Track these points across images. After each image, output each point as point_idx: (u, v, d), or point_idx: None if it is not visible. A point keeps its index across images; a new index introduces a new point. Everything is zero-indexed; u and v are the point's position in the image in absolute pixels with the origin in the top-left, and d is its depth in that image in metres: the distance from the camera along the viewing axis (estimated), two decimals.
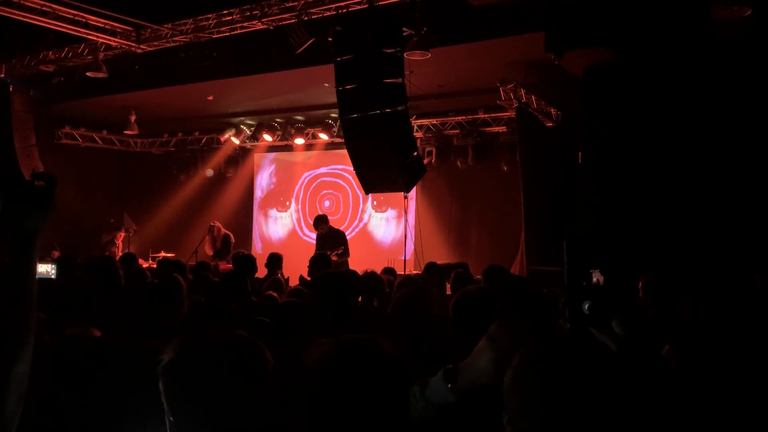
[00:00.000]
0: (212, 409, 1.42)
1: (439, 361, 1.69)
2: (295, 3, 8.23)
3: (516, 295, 3.23)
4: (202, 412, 1.42)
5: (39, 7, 8.36)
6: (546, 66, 7.81)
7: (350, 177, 12.63)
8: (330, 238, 9.39)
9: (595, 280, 1.38)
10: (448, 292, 5.94)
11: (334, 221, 13.17)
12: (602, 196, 7.37)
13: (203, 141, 14.21)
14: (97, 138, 13.93)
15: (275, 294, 5.57)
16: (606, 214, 7.17)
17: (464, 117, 11.24)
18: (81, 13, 8.66)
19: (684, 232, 6.79)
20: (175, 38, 9.25)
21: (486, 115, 11.00)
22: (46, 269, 5.56)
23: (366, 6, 7.82)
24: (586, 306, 1.37)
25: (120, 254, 11.76)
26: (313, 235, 13.39)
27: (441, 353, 2.67)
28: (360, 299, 4.59)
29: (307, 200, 13.65)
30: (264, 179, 14.36)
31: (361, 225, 12.99)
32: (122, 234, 12.59)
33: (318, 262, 6.63)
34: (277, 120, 12.94)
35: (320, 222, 9.68)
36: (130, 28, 9.25)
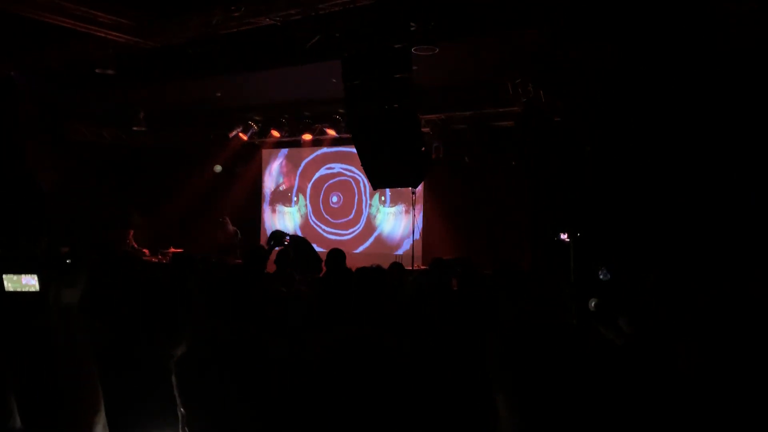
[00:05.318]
0: (223, 401, 1.45)
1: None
2: None
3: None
4: (213, 404, 1.46)
5: (47, 3, 8.37)
6: (554, 60, 7.79)
7: (358, 172, 12.64)
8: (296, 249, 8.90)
9: (602, 276, 1.38)
10: (455, 287, 5.94)
11: (341, 216, 13.24)
12: (610, 191, 7.35)
13: (211, 137, 14.23)
14: (104, 134, 13.97)
15: (283, 289, 5.60)
16: (614, 210, 7.15)
17: (471, 112, 11.20)
18: (89, 9, 8.67)
19: (694, 228, 6.76)
20: (182, 34, 9.26)
21: (493, 110, 10.95)
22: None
23: (373, 0, 7.81)
24: (593, 303, 1.37)
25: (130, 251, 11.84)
26: (320, 229, 13.46)
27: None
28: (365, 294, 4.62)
29: (314, 195, 13.68)
30: (272, 175, 14.40)
31: (368, 220, 13.00)
32: (132, 232, 12.65)
33: (333, 257, 6.66)
34: (285, 115, 12.95)
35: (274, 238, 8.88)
36: (138, 24, 9.26)
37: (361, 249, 12.75)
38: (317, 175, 13.70)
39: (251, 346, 1.52)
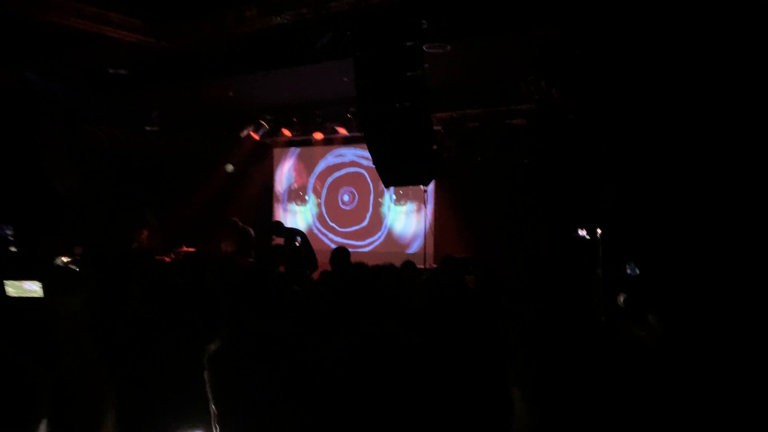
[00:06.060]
0: (257, 398, 1.46)
1: None
2: None
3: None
4: (247, 402, 1.46)
5: (61, 4, 8.43)
6: (568, 58, 7.75)
7: (370, 170, 12.64)
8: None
9: (630, 271, 1.38)
10: (471, 285, 5.92)
11: (353, 215, 13.24)
12: (628, 188, 7.31)
13: (223, 136, 14.25)
14: (118, 134, 14.02)
15: (297, 288, 5.62)
16: (632, 207, 7.11)
17: (484, 109, 11.17)
18: (102, 11, 8.72)
19: (693, 228, 6.70)
20: (195, 35, 9.30)
21: (506, 108, 10.91)
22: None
23: None
24: (622, 299, 1.37)
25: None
26: (327, 238, 13.46)
27: None
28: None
29: (327, 194, 13.69)
30: (283, 174, 14.42)
31: (380, 218, 13.00)
32: (146, 232, 12.68)
33: (338, 256, 6.69)
34: (297, 115, 12.96)
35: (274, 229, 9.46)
36: (151, 26, 9.31)
37: (373, 248, 12.75)
38: (329, 173, 13.70)
39: (282, 343, 1.53)
